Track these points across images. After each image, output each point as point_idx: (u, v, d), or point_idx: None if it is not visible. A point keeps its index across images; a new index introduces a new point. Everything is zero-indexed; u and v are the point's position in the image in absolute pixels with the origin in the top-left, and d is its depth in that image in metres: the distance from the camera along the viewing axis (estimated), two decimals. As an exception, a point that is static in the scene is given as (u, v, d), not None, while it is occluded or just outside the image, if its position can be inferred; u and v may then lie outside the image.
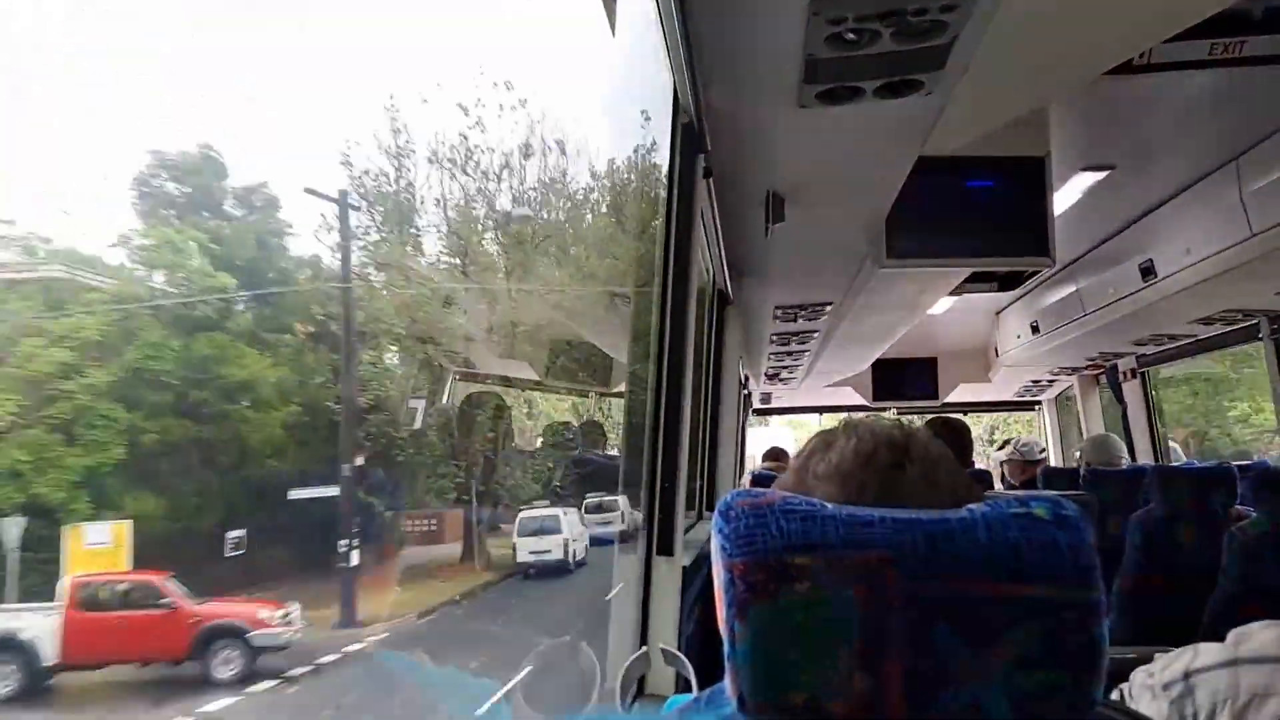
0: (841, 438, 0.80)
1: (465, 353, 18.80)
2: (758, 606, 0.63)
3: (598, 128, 19.45)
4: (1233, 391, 17.88)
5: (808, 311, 4.17)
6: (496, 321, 18.57)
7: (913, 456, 0.77)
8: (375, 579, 15.65)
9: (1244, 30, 2.19)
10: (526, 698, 1.54)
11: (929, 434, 0.82)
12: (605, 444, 22.05)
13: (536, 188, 19.43)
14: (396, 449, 17.94)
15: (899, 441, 0.79)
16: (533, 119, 19.18)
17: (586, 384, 19.80)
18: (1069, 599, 0.63)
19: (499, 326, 18.55)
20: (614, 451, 21.39)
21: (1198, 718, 1.15)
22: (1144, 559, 3.04)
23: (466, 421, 19.19)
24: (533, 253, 19.06)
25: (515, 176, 19.24)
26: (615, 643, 2.15)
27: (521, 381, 19.58)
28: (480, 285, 18.81)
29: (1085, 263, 4.34)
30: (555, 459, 21.59)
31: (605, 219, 19.46)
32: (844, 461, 0.78)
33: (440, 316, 18.49)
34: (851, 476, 0.77)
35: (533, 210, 19.51)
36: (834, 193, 2.57)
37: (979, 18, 1.54)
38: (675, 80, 1.83)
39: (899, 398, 6.92)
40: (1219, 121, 2.80)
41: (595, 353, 18.80)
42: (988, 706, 0.62)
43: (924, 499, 0.74)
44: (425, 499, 19.45)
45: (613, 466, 20.70)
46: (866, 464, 0.77)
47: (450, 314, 18.71)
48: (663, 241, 2.16)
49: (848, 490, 0.75)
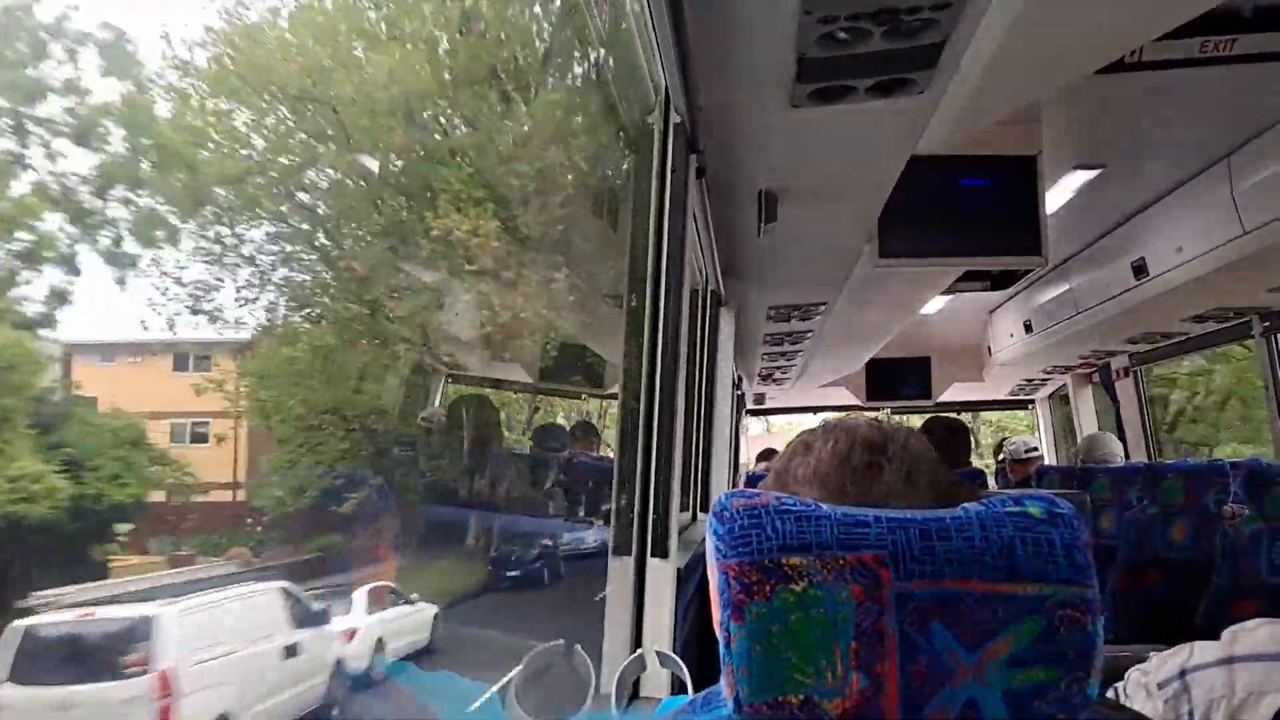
0: (820, 440, 0.80)
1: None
2: (753, 607, 0.63)
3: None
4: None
5: (801, 311, 4.17)
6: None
7: (890, 455, 0.77)
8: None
9: (1235, 28, 2.19)
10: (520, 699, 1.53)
11: (907, 432, 0.82)
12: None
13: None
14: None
15: (875, 441, 0.79)
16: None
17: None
18: (1064, 597, 0.63)
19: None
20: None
21: (1193, 716, 1.15)
22: (1137, 557, 3.04)
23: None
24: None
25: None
26: (609, 645, 2.14)
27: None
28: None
29: (1077, 261, 4.35)
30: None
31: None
32: (821, 464, 0.78)
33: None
34: (830, 478, 0.77)
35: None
36: (827, 192, 2.57)
37: (970, 17, 1.55)
38: (667, 79, 1.82)
39: (893, 397, 6.93)
40: (1210, 119, 2.81)
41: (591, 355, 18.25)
42: (983, 705, 0.62)
43: (903, 497, 0.74)
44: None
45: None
46: (844, 464, 0.77)
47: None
48: (654, 242, 2.15)
49: (828, 492, 0.75)
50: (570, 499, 5.43)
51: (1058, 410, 7.10)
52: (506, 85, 13.25)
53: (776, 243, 2.83)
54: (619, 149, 4.18)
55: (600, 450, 5.44)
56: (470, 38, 13.16)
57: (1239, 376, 13.20)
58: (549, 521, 7.05)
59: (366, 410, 13.75)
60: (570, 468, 5.24)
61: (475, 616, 10.24)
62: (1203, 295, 3.73)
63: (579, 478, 5.23)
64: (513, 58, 12.96)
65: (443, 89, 13.56)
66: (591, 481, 5.10)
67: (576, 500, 5.41)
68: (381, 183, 14.13)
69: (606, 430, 11.69)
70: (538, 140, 13.21)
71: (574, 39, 12.43)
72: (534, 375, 13.17)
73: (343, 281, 14.59)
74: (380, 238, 14.33)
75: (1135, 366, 5.59)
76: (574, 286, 16.20)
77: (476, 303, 14.99)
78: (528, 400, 15.38)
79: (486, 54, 13.14)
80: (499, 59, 13.04)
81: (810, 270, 3.48)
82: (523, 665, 1.57)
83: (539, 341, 14.55)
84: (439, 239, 13.38)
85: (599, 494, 5.08)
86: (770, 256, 3.19)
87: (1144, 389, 5.70)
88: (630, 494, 1.96)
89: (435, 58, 13.34)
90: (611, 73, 12.16)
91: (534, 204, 13.58)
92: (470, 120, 13.75)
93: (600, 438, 6.07)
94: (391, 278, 14.18)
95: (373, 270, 14.24)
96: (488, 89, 13.32)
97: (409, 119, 13.54)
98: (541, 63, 13.16)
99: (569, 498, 5.45)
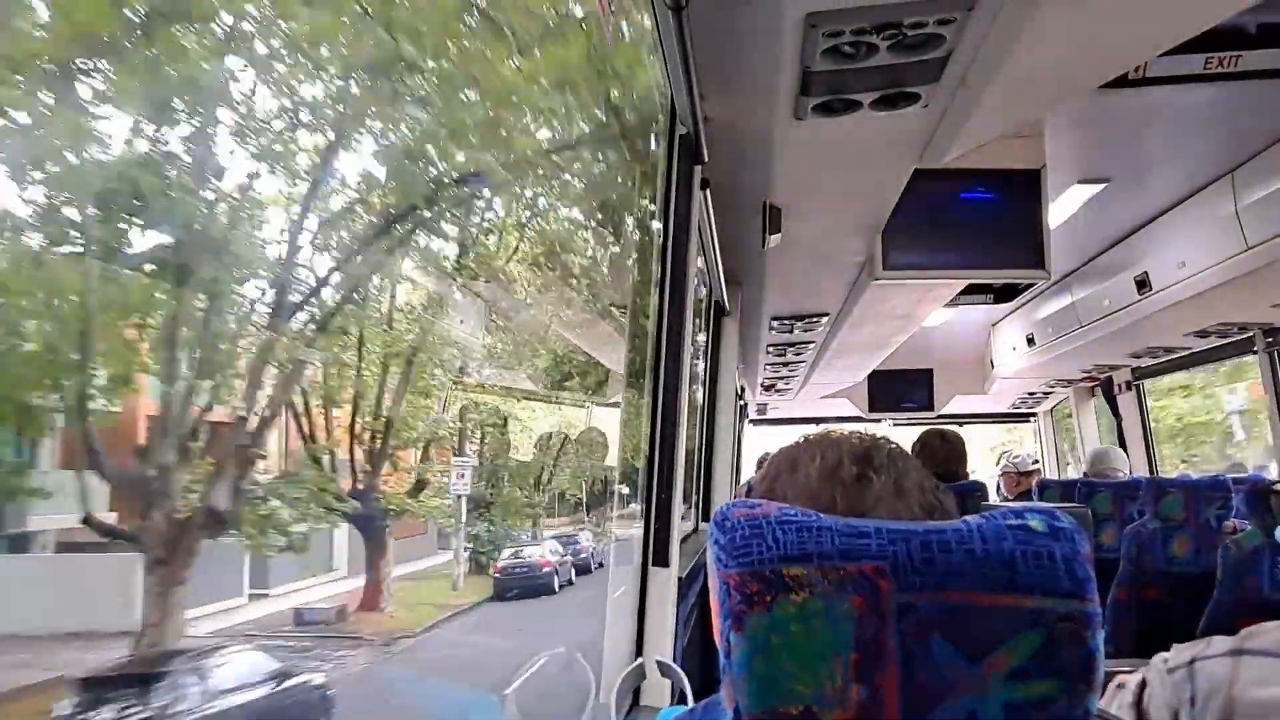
0: (806, 455, 0.81)
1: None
2: (753, 617, 0.63)
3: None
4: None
5: (804, 322, 4.17)
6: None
7: (877, 466, 0.79)
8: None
9: (1240, 44, 2.21)
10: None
11: (892, 443, 0.83)
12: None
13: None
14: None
15: (862, 453, 0.80)
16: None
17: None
18: (1065, 610, 0.63)
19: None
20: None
21: (1195, 700, 1.18)
22: (1139, 571, 3.04)
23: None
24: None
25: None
26: (610, 654, 2.14)
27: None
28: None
29: (1081, 275, 4.36)
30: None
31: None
32: (811, 479, 0.79)
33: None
34: (821, 492, 0.78)
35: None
36: (830, 204, 2.57)
37: (975, 31, 1.56)
38: (673, 91, 1.83)
39: (895, 409, 6.92)
40: (1214, 135, 2.82)
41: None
42: (984, 718, 0.62)
43: (892, 508, 0.76)
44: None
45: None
46: (832, 478, 0.78)
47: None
48: (660, 252, 2.16)
49: (819, 506, 0.75)
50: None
51: (1061, 423, 7.10)
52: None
53: (780, 253, 2.84)
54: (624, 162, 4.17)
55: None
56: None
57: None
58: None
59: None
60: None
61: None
62: (1205, 310, 3.73)
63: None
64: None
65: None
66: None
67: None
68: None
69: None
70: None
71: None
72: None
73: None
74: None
75: (1137, 380, 5.58)
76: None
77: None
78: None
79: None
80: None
81: (813, 282, 3.49)
82: (522, 673, 1.57)
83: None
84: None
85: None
86: (774, 268, 3.20)
87: (1146, 403, 5.69)
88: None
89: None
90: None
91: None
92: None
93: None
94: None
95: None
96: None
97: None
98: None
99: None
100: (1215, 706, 1.15)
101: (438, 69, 12.53)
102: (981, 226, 2.75)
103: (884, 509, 0.75)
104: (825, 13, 1.50)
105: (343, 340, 15.24)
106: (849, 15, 1.49)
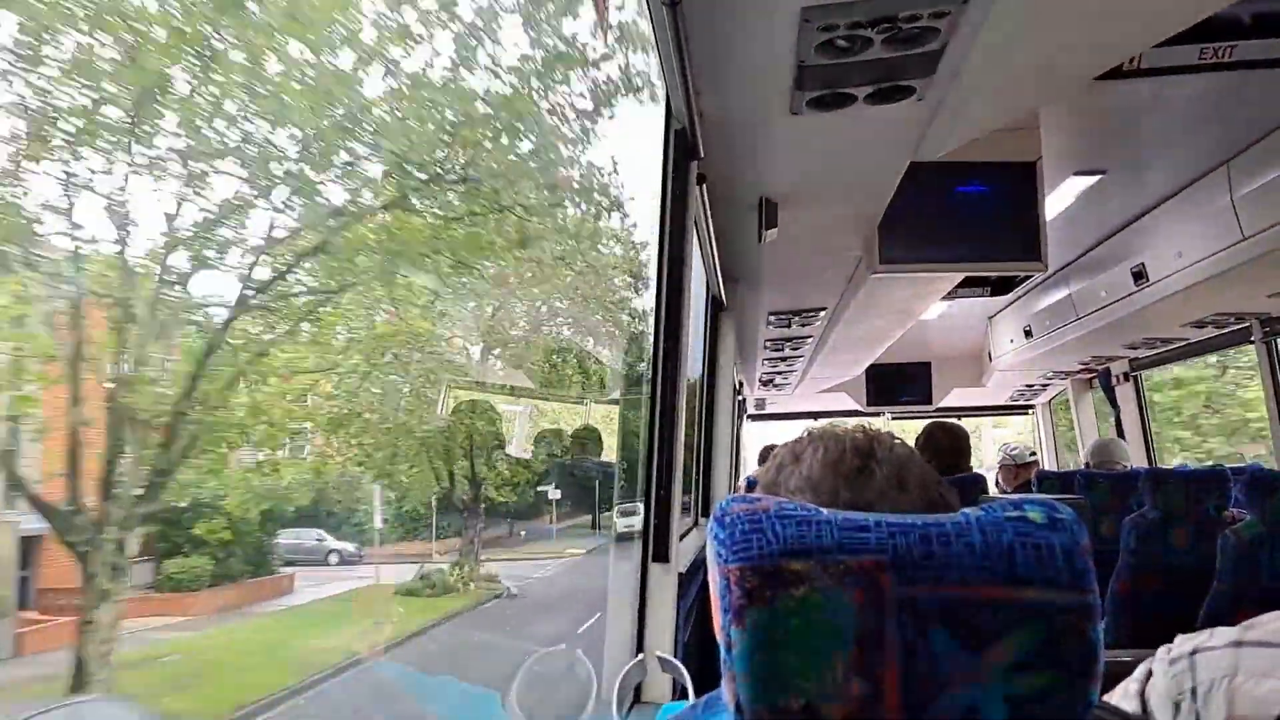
0: (809, 448, 0.82)
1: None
2: (754, 612, 0.63)
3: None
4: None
5: (801, 317, 4.17)
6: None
7: (878, 458, 0.80)
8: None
9: (1234, 35, 2.20)
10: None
11: (892, 436, 0.83)
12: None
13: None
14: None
15: (864, 446, 0.81)
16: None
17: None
18: (1064, 602, 0.63)
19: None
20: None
21: (1195, 692, 1.18)
22: (1138, 562, 3.04)
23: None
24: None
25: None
26: (611, 649, 2.14)
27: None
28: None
29: (1077, 267, 4.36)
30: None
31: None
32: (813, 471, 0.80)
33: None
34: (823, 484, 0.79)
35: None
36: (827, 198, 2.57)
37: (970, 24, 1.55)
38: (668, 87, 1.83)
39: (893, 403, 6.94)
40: (1210, 126, 2.82)
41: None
42: (984, 710, 0.62)
43: (893, 500, 0.77)
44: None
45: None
46: (835, 470, 0.79)
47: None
48: (657, 248, 2.16)
49: (821, 498, 0.76)
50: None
51: (1060, 415, 7.11)
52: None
53: (777, 248, 2.84)
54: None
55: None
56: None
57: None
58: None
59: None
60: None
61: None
62: (1202, 300, 3.73)
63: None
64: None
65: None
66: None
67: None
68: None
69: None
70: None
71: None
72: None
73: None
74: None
75: (1135, 371, 5.59)
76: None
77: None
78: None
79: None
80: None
81: (811, 276, 3.49)
82: (524, 670, 1.57)
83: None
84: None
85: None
86: (771, 262, 3.20)
87: (1144, 394, 5.70)
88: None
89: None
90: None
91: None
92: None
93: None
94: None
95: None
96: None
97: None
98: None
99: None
100: (1217, 698, 1.16)
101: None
102: (978, 219, 2.75)
103: (886, 502, 0.76)
104: (819, 7, 1.50)
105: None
106: (843, 9, 1.49)
